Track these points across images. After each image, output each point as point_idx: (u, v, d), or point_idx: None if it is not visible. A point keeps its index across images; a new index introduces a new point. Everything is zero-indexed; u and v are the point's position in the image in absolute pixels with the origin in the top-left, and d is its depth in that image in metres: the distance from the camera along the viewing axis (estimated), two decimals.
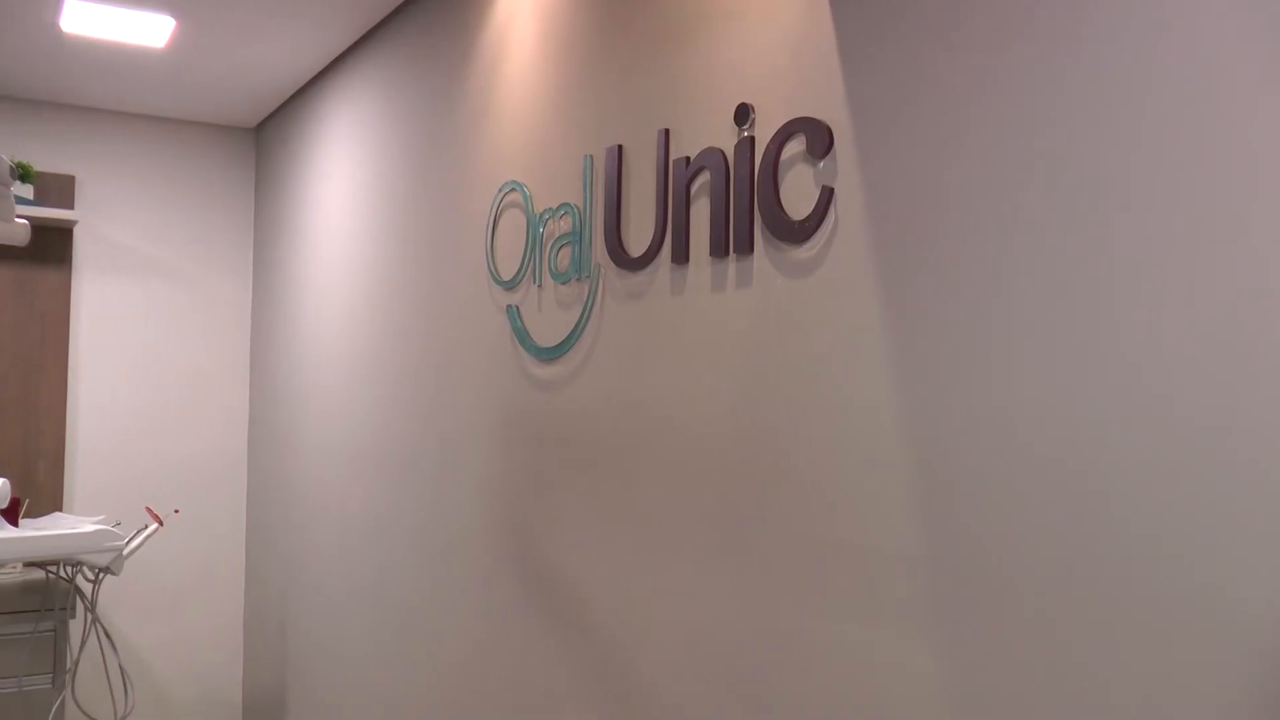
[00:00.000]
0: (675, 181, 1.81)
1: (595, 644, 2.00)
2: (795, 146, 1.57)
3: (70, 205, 4.15)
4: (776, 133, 1.60)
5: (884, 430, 1.42)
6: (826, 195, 1.52)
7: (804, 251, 1.56)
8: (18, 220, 3.02)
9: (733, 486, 1.67)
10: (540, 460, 2.19)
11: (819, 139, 1.53)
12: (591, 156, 2.03)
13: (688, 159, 1.78)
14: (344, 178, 3.40)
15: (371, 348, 3.11)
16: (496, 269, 2.37)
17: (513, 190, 2.30)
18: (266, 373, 4.23)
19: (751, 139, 1.65)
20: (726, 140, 1.70)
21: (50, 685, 3.52)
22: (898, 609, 1.39)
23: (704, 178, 1.75)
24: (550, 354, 2.15)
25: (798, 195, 1.57)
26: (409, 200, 2.90)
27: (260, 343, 4.35)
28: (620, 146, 1.96)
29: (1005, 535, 1.25)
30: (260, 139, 4.44)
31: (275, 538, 4.08)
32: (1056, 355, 1.20)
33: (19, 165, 3.83)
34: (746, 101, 1.67)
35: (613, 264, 1.96)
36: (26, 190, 3.94)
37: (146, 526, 3.56)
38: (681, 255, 1.79)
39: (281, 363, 4.02)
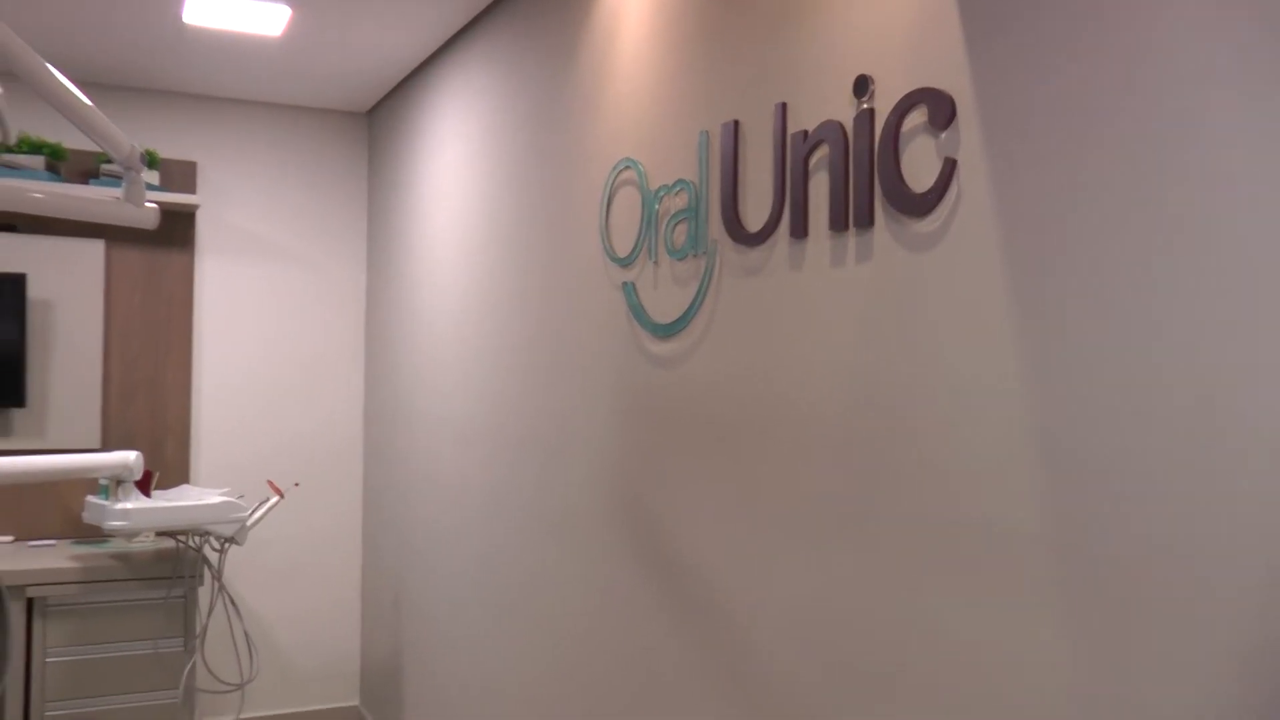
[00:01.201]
0: (793, 155, 1.82)
1: (711, 623, 2.02)
2: (916, 118, 1.57)
3: (192, 190, 4.30)
4: (897, 104, 1.60)
5: (1009, 409, 1.41)
6: (949, 167, 1.51)
7: (926, 225, 1.56)
8: (148, 204, 3.14)
9: (852, 464, 1.68)
10: (656, 437, 2.22)
11: (941, 109, 1.52)
12: (707, 132, 2.05)
13: (805, 132, 1.79)
14: (456, 159, 3.47)
15: (486, 327, 3.17)
16: (612, 246, 2.40)
17: (627, 168, 2.33)
18: (381, 351, 4.34)
19: (871, 111, 1.65)
20: (845, 113, 1.71)
21: (182, 648, 3.68)
22: (1023, 590, 1.38)
23: (822, 151, 1.75)
24: (666, 330, 2.18)
25: (919, 167, 1.57)
26: (522, 180, 2.95)
27: (375, 322, 4.46)
28: (736, 122, 1.97)
29: (1135, 518, 1.24)
30: (373, 123, 4.54)
31: (390, 513, 4.20)
32: (1201, 338, 1.18)
33: (146, 153, 3.98)
34: (865, 73, 1.67)
35: (730, 239, 1.98)
36: (152, 176, 4.10)
37: (268, 499, 3.69)
38: (800, 230, 1.80)
39: (396, 341, 4.13)
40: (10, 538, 4.07)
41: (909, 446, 1.57)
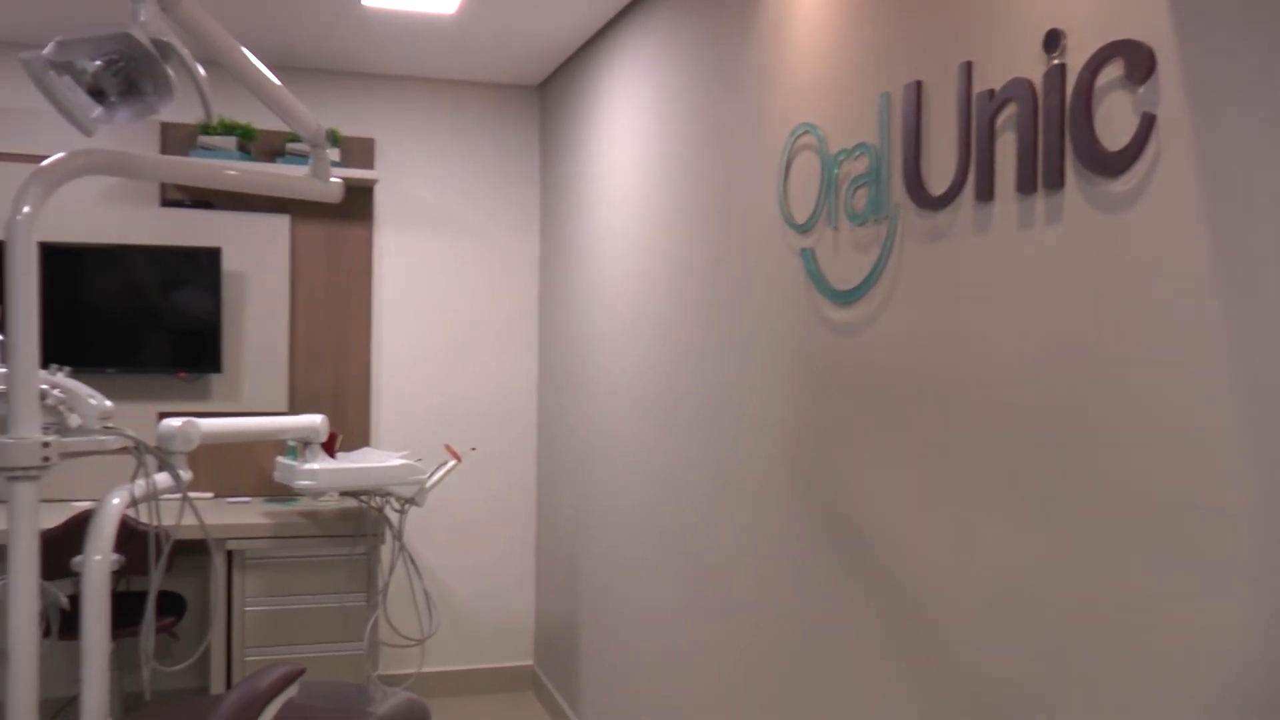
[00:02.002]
0: (978, 115, 1.79)
1: (893, 597, 2.02)
2: (1111, 72, 1.53)
3: (371, 166, 4.48)
4: (1090, 58, 1.56)
5: (1213, 377, 1.36)
6: (1147, 123, 1.47)
7: (1121, 184, 1.52)
8: (332, 180, 3.28)
9: (1043, 435, 1.66)
10: (835, 406, 2.22)
11: (1139, 62, 1.48)
12: (889, 94, 2.04)
13: (992, 91, 1.76)
14: (629, 129, 3.52)
15: (661, 294, 3.22)
16: (790, 212, 2.41)
17: (806, 133, 2.33)
18: (555, 320, 4.45)
19: (1062, 66, 1.62)
20: (1034, 69, 1.68)
21: (365, 603, 3.86)
22: (1226, 570, 1.34)
23: (1010, 110, 1.73)
24: (847, 297, 2.18)
25: (1114, 124, 1.53)
26: (697, 149, 2.97)
27: (548, 290, 4.56)
28: (919, 82, 1.95)
29: None
30: (545, 96, 4.63)
31: (564, 477, 4.30)
32: None
33: (329, 131, 4.17)
34: (1056, 27, 1.63)
35: (912, 203, 1.97)
36: (334, 153, 4.28)
37: (446, 463, 3.84)
38: (986, 192, 1.78)
39: (569, 310, 4.22)
40: (210, 494, 4.34)
41: (1104, 417, 1.54)
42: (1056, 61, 1.63)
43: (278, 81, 2.88)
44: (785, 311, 2.43)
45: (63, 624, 3.31)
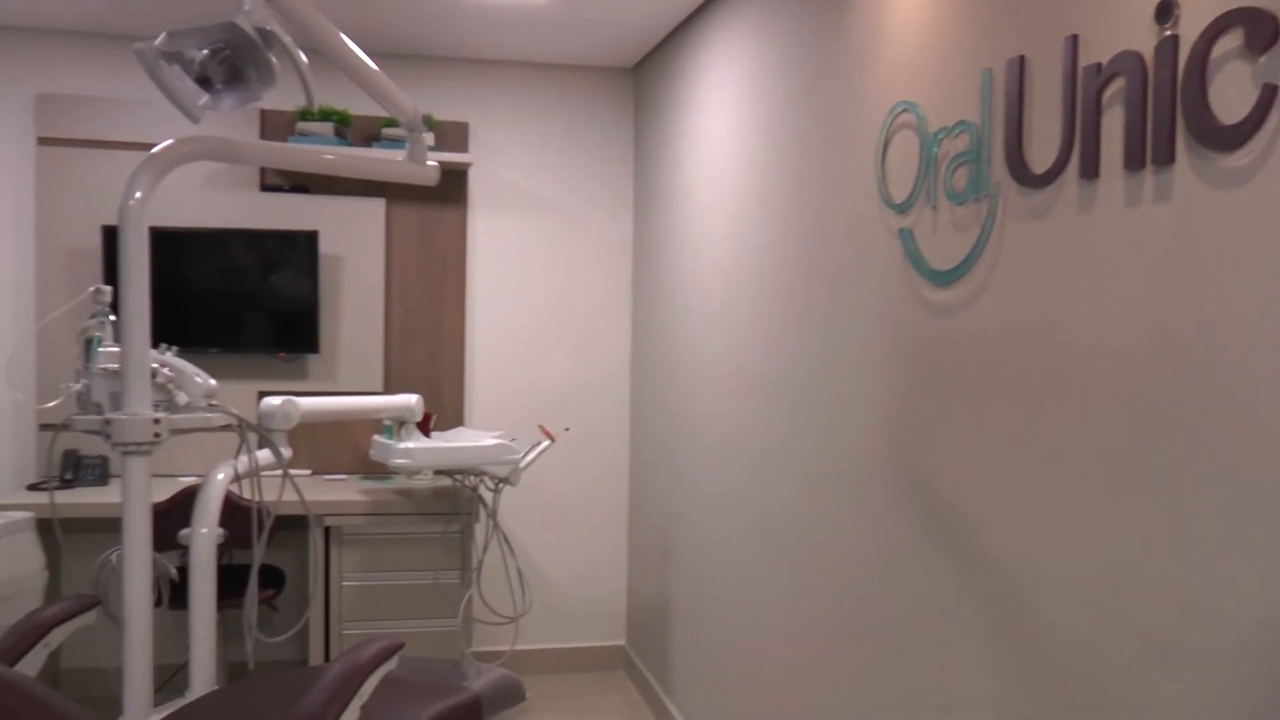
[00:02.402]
0: (1084, 90, 1.75)
1: (991, 583, 2.00)
2: (1229, 41, 1.49)
3: (465, 149, 4.53)
4: (1207, 27, 1.51)
5: None
6: (1268, 95, 1.43)
7: (1237, 159, 1.47)
8: (429, 163, 3.33)
9: (1148, 419, 1.62)
10: (935, 387, 2.20)
11: (1261, 30, 1.43)
12: (990, 70, 2.00)
13: (1099, 65, 1.72)
14: (724, 110, 3.51)
15: (755, 276, 3.21)
16: (888, 192, 2.38)
17: (904, 111, 2.30)
18: (648, 301, 4.46)
19: (1175, 38, 1.57)
20: (1144, 41, 1.63)
21: (459, 580, 3.93)
22: None
23: (1117, 84, 1.68)
24: (946, 278, 2.15)
25: (1230, 97, 1.49)
26: (793, 129, 2.96)
27: (642, 272, 4.58)
28: (1021, 58, 1.91)
29: None
30: (638, 78, 4.64)
31: (658, 459, 4.32)
32: None
33: (424, 116, 4.22)
34: None
35: (1013, 182, 1.93)
36: (428, 138, 4.33)
37: (540, 443, 3.88)
38: (1091, 169, 1.74)
39: (663, 292, 4.23)
40: (308, 471, 4.44)
41: (1214, 400, 1.50)
42: (1169, 32, 1.58)
43: (376, 67, 2.93)
44: (882, 292, 2.40)
45: (171, 594, 3.43)
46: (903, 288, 2.31)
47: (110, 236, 4.17)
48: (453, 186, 4.53)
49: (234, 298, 4.27)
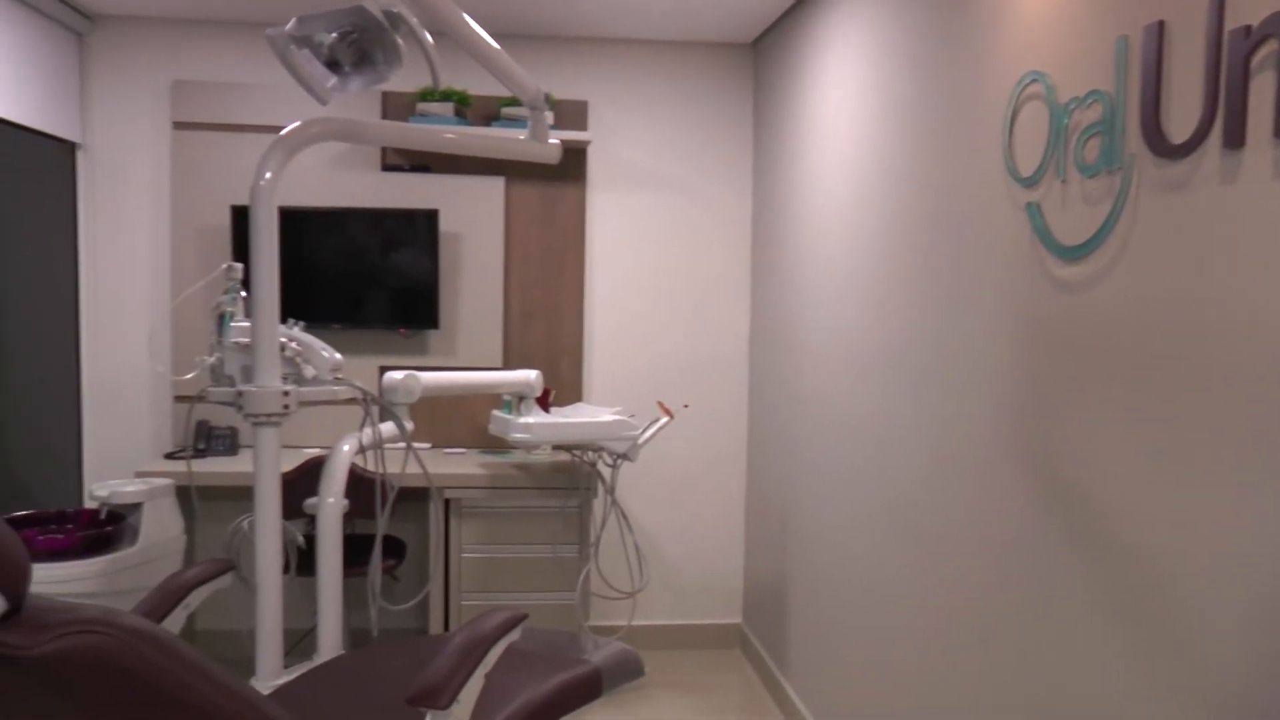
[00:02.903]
0: (1230, 55, 1.67)
1: (1120, 570, 1.94)
2: None
3: (584, 128, 4.55)
4: None
5: None
6: None
7: None
8: (550, 142, 3.36)
9: None
10: (1063, 366, 2.14)
11: None
12: (1126, 37, 1.93)
13: (1248, 28, 1.64)
14: (846, 83, 3.46)
15: (877, 253, 3.17)
16: (1015, 165, 2.32)
17: (1034, 81, 2.24)
18: (767, 278, 4.44)
19: None
20: None
21: (577, 555, 3.97)
22: None
23: (1269, 47, 1.60)
24: (1075, 253, 2.09)
25: None
26: (916, 103, 2.90)
27: (761, 248, 4.55)
28: (1161, 23, 1.84)
29: None
30: (758, 53, 4.60)
31: (776, 437, 4.30)
32: None
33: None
34: None
35: (1149, 153, 1.86)
36: (548, 116, 4.37)
37: (658, 419, 3.90)
38: (1235, 139, 1.66)
39: (782, 268, 4.20)
40: (428, 445, 4.54)
41: None
42: None
43: (497, 45, 2.96)
44: (1008, 268, 2.34)
45: (299, 561, 3.54)
46: (1029, 263, 2.25)
47: (239, 216, 4.31)
48: (572, 164, 4.56)
49: (356, 275, 4.37)
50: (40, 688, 1.51)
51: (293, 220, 4.31)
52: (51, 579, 3.08)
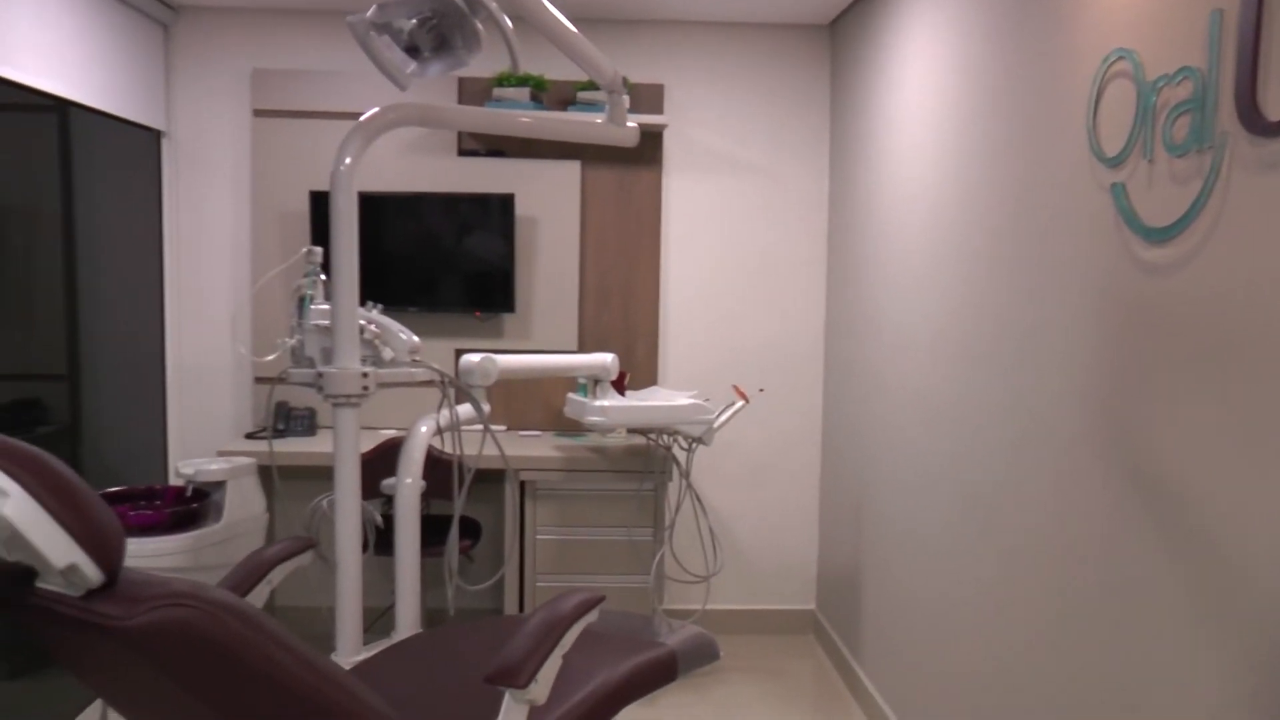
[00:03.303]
0: None
1: (1212, 563, 1.89)
2: None
3: (660, 111, 4.54)
4: None
5: None
6: None
7: None
8: (628, 125, 3.36)
9: None
10: (1145, 350, 2.09)
11: None
12: (1221, 11, 1.87)
13: None
14: (925, 64, 3.41)
15: (957, 235, 3.12)
16: (1099, 145, 2.27)
17: (1120, 59, 2.18)
18: (843, 260, 4.40)
19: None
20: None
21: (652, 538, 3.98)
22: None
23: None
24: (1161, 235, 2.03)
25: None
26: (998, 83, 2.85)
27: (837, 232, 4.51)
28: None
29: None
30: (835, 34, 4.55)
31: (851, 422, 4.27)
32: None
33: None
34: None
35: (1243, 131, 1.81)
36: (625, 100, 4.37)
37: (734, 403, 3.89)
38: None
39: (859, 251, 4.16)
40: (504, 427, 4.58)
41: None
42: None
43: (574, 29, 2.97)
44: (1091, 250, 2.30)
45: (376, 540, 3.60)
46: (1114, 245, 2.20)
47: (317, 201, 4.38)
48: (648, 148, 4.56)
49: (432, 259, 4.42)
50: (134, 657, 1.56)
51: (370, 205, 4.37)
52: (141, 553, 3.17)
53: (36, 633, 1.74)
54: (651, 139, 4.55)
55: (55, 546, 1.55)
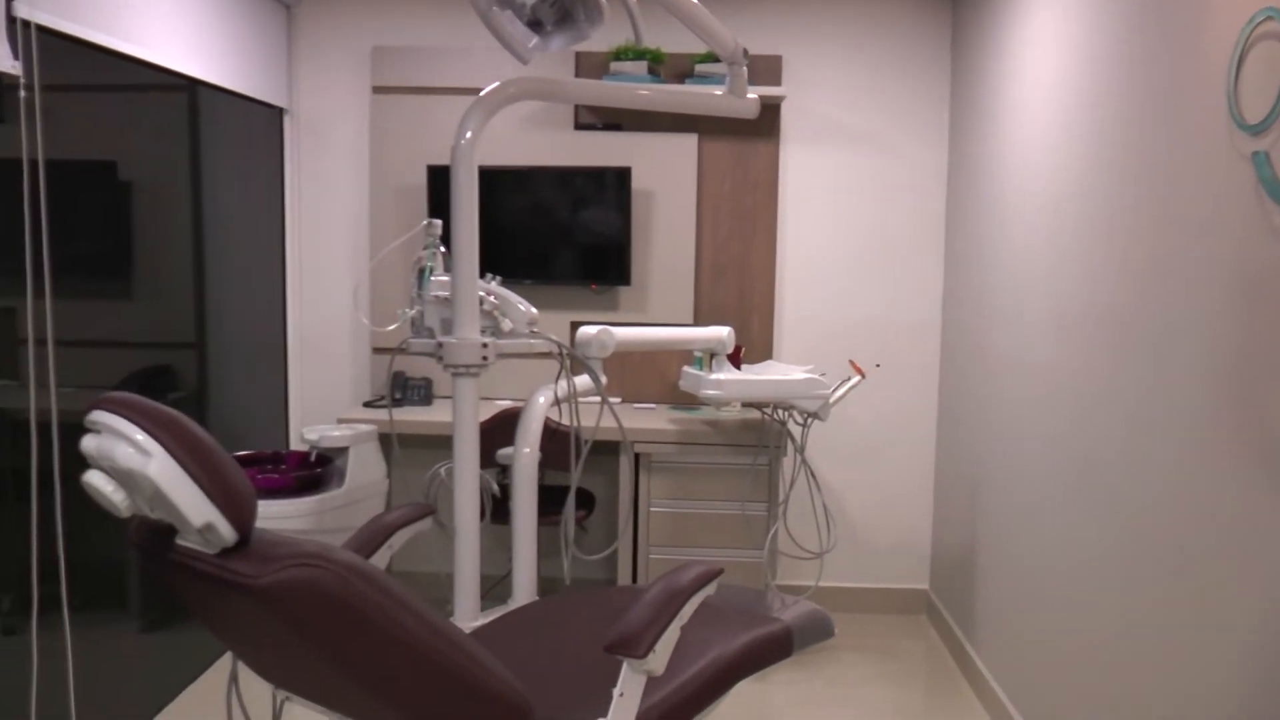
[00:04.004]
0: None
1: None
2: None
3: (778, 83, 4.49)
4: None
5: None
6: None
7: None
8: (749, 96, 3.33)
9: None
10: None
11: None
12: None
13: None
14: (1050, 33, 3.30)
15: (1082, 208, 3.02)
16: (1240, 113, 2.16)
17: (1267, 19, 2.08)
18: (962, 234, 4.30)
19: None
20: None
21: (766, 513, 3.96)
22: None
23: None
24: None
25: None
26: (1128, 50, 2.74)
27: (956, 205, 4.42)
28: None
29: None
30: (957, 4, 4.44)
31: (968, 399, 4.18)
32: None
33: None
34: None
35: None
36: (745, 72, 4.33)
37: (850, 378, 3.84)
38: None
39: (979, 224, 4.06)
40: (618, 399, 4.60)
41: None
42: None
43: (697, 1, 2.94)
44: (1227, 221, 2.19)
45: (493, 509, 3.65)
46: (1252, 216, 2.10)
47: (434, 175, 4.44)
48: (765, 120, 4.51)
49: (548, 232, 4.45)
50: (264, 613, 1.60)
51: (488, 179, 4.41)
52: (267, 515, 3.27)
53: (174, 587, 1.81)
54: (769, 111, 4.50)
55: (194, 506, 1.60)
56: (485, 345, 2.82)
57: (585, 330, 3.39)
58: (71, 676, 3.01)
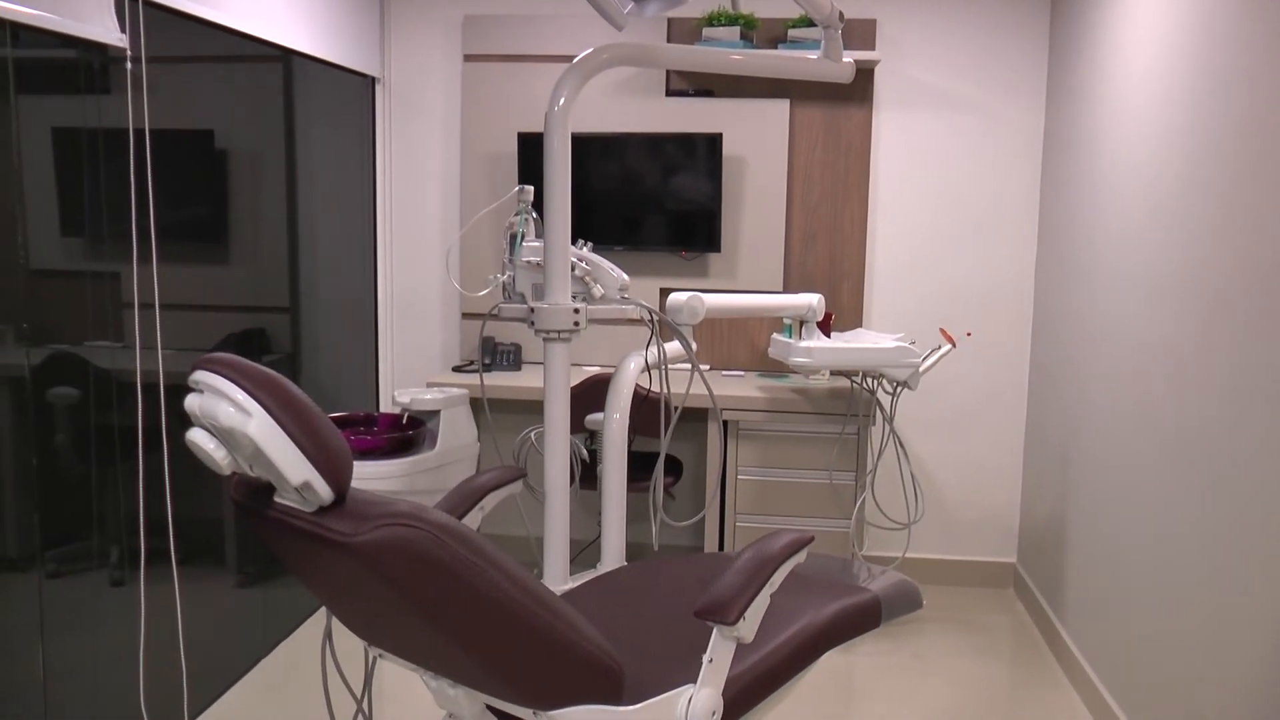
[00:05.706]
0: None
1: None
2: None
3: (872, 47, 4.41)
4: None
5: None
6: None
7: None
8: (844, 60, 3.28)
9: None
10: None
11: None
12: None
13: None
14: None
15: (1182, 173, 2.92)
16: None
17: None
18: (1058, 200, 4.20)
19: None
20: None
21: (853, 483, 3.94)
22: None
23: None
24: None
25: None
26: (1241, 11, 2.64)
27: (1051, 170, 4.31)
28: None
29: None
30: None
31: (1059, 368, 4.10)
32: None
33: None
34: None
35: None
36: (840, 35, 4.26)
37: (940, 347, 3.79)
38: None
39: (1075, 190, 3.96)
40: (708, 366, 4.60)
41: None
42: None
43: None
44: None
45: (581, 474, 3.68)
46: None
47: (525, 142, 4.46)
48: (858, 85, 4.44)
49: (639, 198, 4.44)
50: (359, 570, 1.64)
51: (579, 145, 4.42)
52: (360, 475, 3.33)
53: (272, 543, 1.85)
54: (863, 76, 4.43)
55: (292, 464, 1.64)
56: (577, 311, 2.83)
57: (676, 296, 3.38)
58: (181, 628, 3.11)
